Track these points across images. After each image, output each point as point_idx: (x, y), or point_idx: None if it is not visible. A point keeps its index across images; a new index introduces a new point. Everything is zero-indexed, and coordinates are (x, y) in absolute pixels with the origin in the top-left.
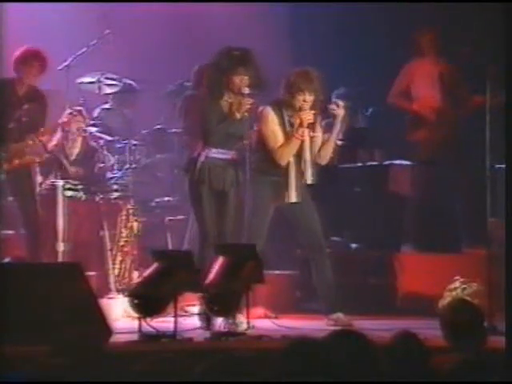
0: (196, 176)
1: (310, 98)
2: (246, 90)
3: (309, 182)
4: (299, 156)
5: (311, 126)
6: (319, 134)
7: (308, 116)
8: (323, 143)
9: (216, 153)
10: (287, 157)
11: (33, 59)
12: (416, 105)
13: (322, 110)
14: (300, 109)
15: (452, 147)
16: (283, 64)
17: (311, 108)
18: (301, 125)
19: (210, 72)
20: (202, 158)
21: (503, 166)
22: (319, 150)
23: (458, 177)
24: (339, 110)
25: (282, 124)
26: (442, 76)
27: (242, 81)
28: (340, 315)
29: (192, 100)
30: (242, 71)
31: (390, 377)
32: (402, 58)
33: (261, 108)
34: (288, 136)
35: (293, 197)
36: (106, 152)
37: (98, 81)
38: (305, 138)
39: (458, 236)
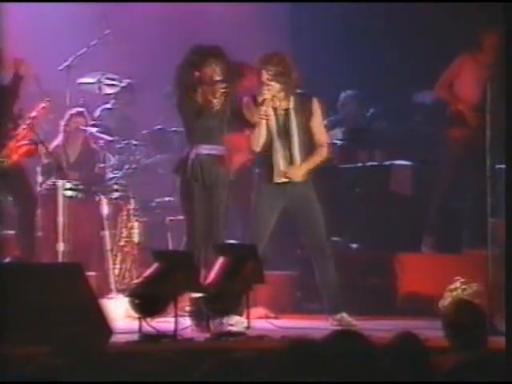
0: (188, 174)
1: (266, 76)
2: (217, 77)
3: (297, 163)
4: (285, 138)
5: (275, 104)
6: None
7: (262, 94)
8: None
9: (204, 149)
10: (258, 141)
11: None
12: (461, 105)
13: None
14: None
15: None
16: None
17: (269, 85)
18: (261, 104)
19: (182, 68)
20: (192, 156)
21: (503, 166)
22: None
23: (459, 177)
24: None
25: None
26: (487, 82)
27: (213, 71)
28: (344, 315)
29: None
30: (212, 62)
31: (390, 377)
32: (402, 59)
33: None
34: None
35: (280, 177)
36: (106, 152)
37: (99, 81)
38: (268, 117)
39: (459, 236)
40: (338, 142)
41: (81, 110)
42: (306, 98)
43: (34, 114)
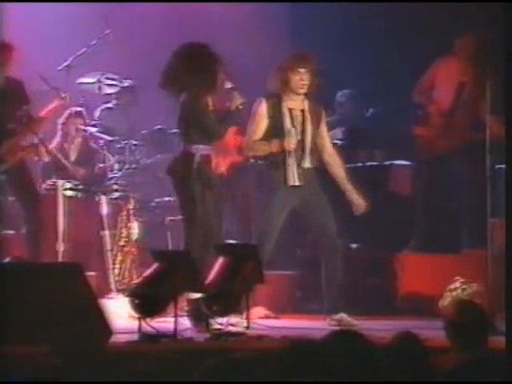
0: (186, 174)
1: (306, 76)
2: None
3: (307, 165)
4: (300, 140)
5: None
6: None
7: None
8: None
9: (202, 149)
10: (253, 141)
11: None
12: (432, 108)
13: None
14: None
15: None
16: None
17: (303, 80)
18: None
19: (191, 71)
20: (189, 156)
21: (503, 166)
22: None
23: (458, 177)
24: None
25: (276, 117)
26: (462, 86)
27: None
28: (343, 315)
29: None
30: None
31: (390, 377)
32: (402, 59)
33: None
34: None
35: (295, 179)
36: (106, 152)
37: (98, 81)
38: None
39: (458, 236)
40: (338, 141)
41: (79, 109)
42: (315, 103)
43: (45, 112)
